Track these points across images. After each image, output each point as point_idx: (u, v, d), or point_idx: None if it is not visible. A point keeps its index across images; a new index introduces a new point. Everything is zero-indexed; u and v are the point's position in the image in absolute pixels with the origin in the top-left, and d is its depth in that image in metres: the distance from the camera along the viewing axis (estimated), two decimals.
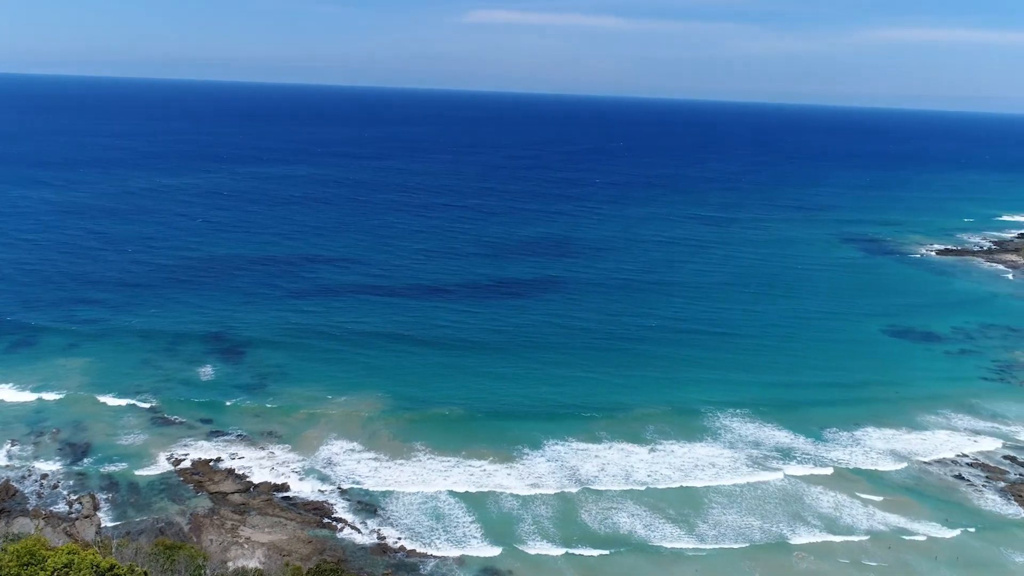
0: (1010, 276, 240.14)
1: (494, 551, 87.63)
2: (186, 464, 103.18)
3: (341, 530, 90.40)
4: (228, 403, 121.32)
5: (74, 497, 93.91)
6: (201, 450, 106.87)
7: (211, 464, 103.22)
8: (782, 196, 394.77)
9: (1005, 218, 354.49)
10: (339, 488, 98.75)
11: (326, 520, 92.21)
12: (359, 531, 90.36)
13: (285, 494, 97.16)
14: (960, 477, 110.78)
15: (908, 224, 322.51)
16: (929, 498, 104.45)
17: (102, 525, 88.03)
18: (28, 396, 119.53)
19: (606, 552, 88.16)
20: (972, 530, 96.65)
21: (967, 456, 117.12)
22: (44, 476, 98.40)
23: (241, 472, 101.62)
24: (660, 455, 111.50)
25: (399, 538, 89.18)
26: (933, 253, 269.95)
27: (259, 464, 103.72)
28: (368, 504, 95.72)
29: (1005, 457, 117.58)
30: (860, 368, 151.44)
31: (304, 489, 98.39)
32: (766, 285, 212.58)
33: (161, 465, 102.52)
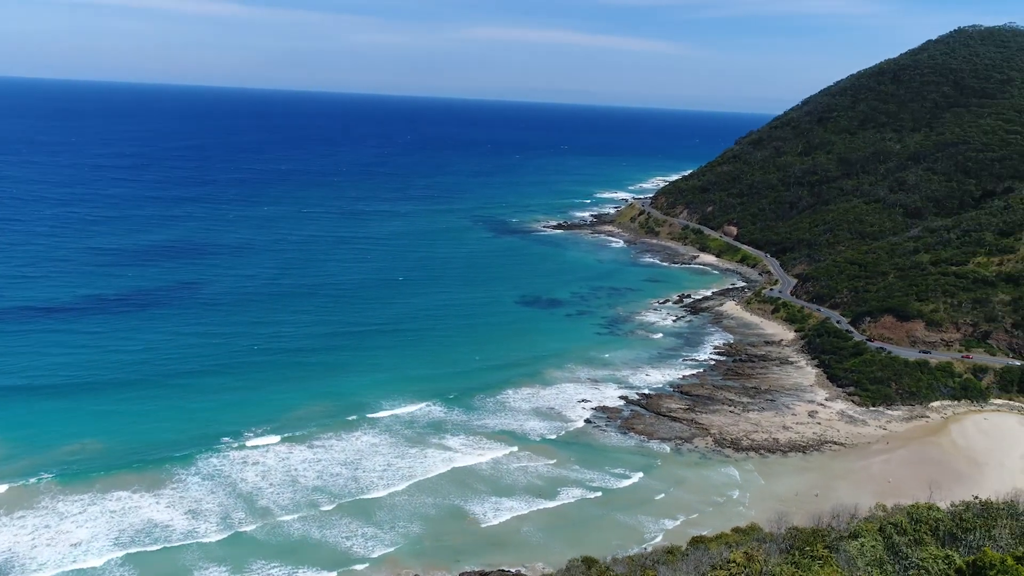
0: (615, 244, 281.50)
1: None
2: None
3: None
4: None
5: None
6: None
7: None
8: (414, 185, 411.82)
9: (602, 195, 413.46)
10: None
11: None
12: None
13: None
14: (589, 421, 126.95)
15: (527, 204, 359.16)
16: (569, 445, 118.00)
17: None
18: None
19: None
20: (606, 468, 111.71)
21: (590, 401, 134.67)
22: None
23: None
24: (321, 451, 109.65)
25: None
26: (549, 229, 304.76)
27: None
28: None
29: (620, 398, 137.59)
30: (500, 338, 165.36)
31: None
32: (410, 275, 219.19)
33: None
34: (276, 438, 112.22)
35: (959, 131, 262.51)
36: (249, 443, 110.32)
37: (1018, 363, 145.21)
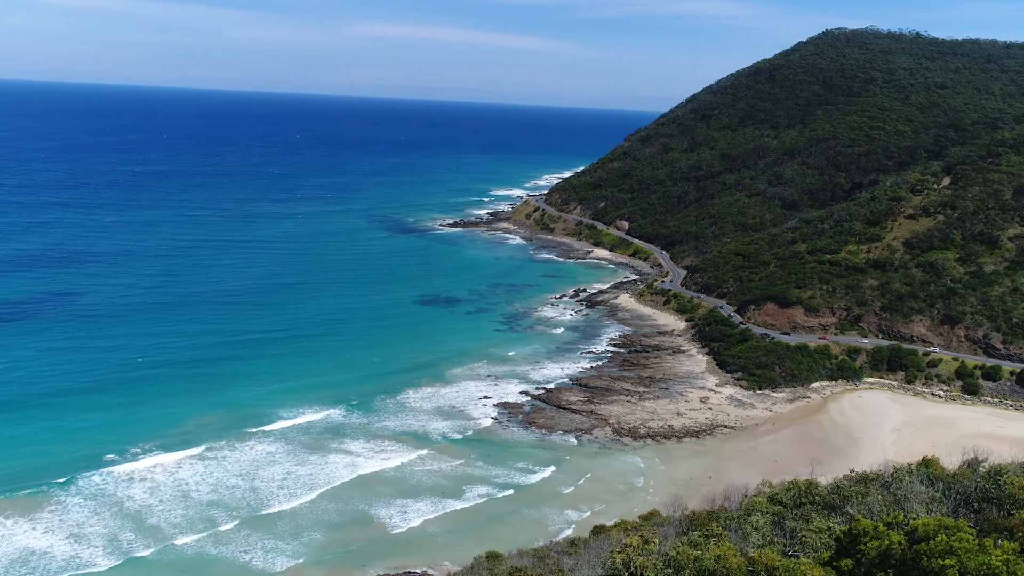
0: (512, 241, 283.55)
1: None
2: None
3: None
4: None
5: None
6: None
7: None
8: (305, 186, 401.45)
9: (497, 192, 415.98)
10: None
11: None
12: None
13: None
14: (491, 418, 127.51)
15: (423, 203, 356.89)
16: (473, 443, 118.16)
17: None
18: None
19: None
20: (518, 465, 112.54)
21: (492, 398, 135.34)
22: None
23: None
24: (213, 463, 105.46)
25: None
26: (446, 227, 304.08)
27: None
28: None
29: (521, 393, 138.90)
30: (399, 340, 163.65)
31: None
32: (304, 279, 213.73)
33: None
34: (164, 453, 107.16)
35: (829, 127, 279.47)
36: (135, 460, 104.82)
37: (886, 343, 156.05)
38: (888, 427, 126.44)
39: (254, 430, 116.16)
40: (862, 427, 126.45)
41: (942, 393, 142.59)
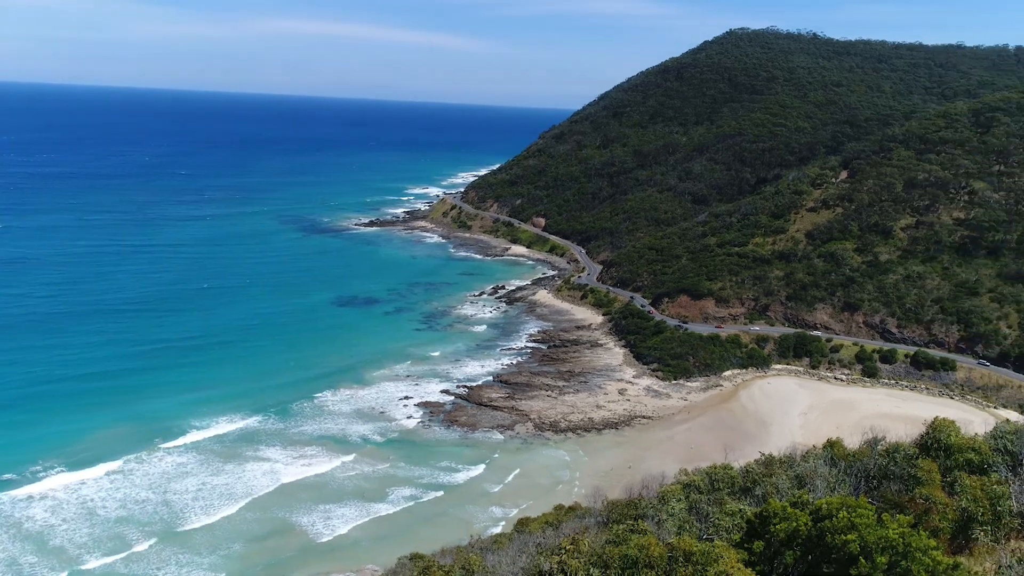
0: (429, 240, 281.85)
1: None
2: None
3: None
4: None
5: None
6: None
7: None
8: (213, 187, 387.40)
9: (413, 190, 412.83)
10: None
11: None
12: None
13: None
14: (411, 418, 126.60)
15: (337, 203, 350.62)
16: (394, 444, 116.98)
17: None
18: None
19: None
20: (440, 464, 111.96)
21: (413, 398, 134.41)
22: None
23: None
24: (120, 478, 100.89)
25: None
26: (362, 227, 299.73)
27: None
28: None
29: (442, 392, 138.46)
30: (316, 343, 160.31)
31: None
32: (215, 283, 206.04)
33: None
34: (67, 471, 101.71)
35: (735, 124, 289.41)
36: (35, 481, 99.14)
37: (792, 331, 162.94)
38: (795, 411, 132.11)
39: (164, 443, 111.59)
40: (771, 412, 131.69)
41: (844, 377, 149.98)
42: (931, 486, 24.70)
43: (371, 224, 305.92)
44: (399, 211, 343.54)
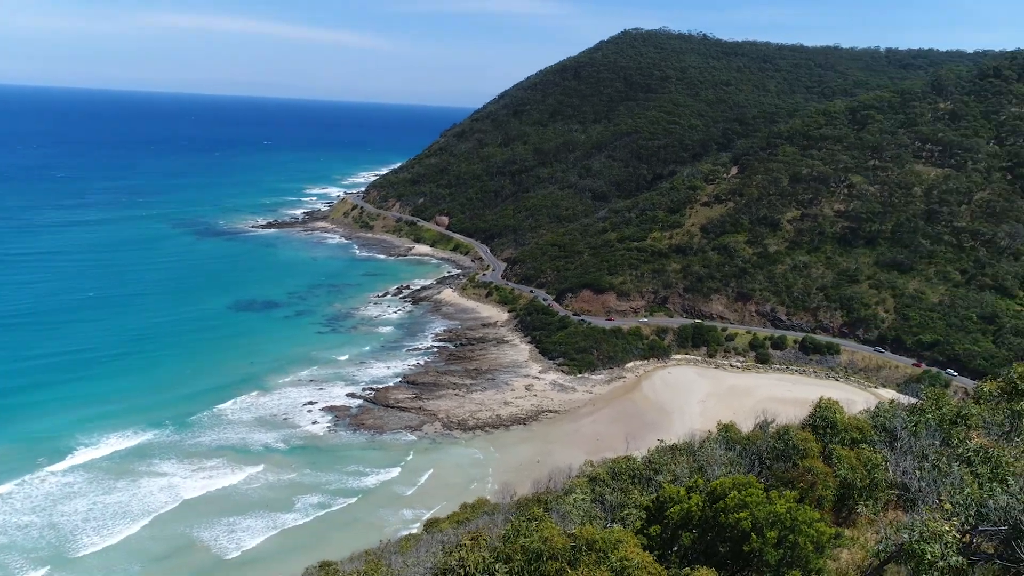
0: (331, 240, 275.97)
1: None
2: None
3: None
4: None
5: None
6: None
7: None
8: (96, 189, 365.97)
9: (313, 191, 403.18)
10: None
11: None
12: None
13: None
14: (317, 423, 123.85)
15: (233, 204, 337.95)
16: (299, 451, 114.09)
17: None
18: None
19: None
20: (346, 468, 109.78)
21: (317, 403, 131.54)
22: None
23: None
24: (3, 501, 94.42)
25: None
26: (259, 229, 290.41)
27: None
28: None
29: (348, 395, 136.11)
30: (213, 350, 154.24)
31: None
32: (104, 293, 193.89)
33: None
34: None
35: (631, 122, 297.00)
36: None
37: (690, 322, 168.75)
38: (695, 399, 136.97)
39: (49, 465, 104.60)
40: (672, 401, 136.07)
41: (739, 364, 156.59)
42: (811, 458, 26.21)
43: (269, 226, 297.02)
44: (298, 212, 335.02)
